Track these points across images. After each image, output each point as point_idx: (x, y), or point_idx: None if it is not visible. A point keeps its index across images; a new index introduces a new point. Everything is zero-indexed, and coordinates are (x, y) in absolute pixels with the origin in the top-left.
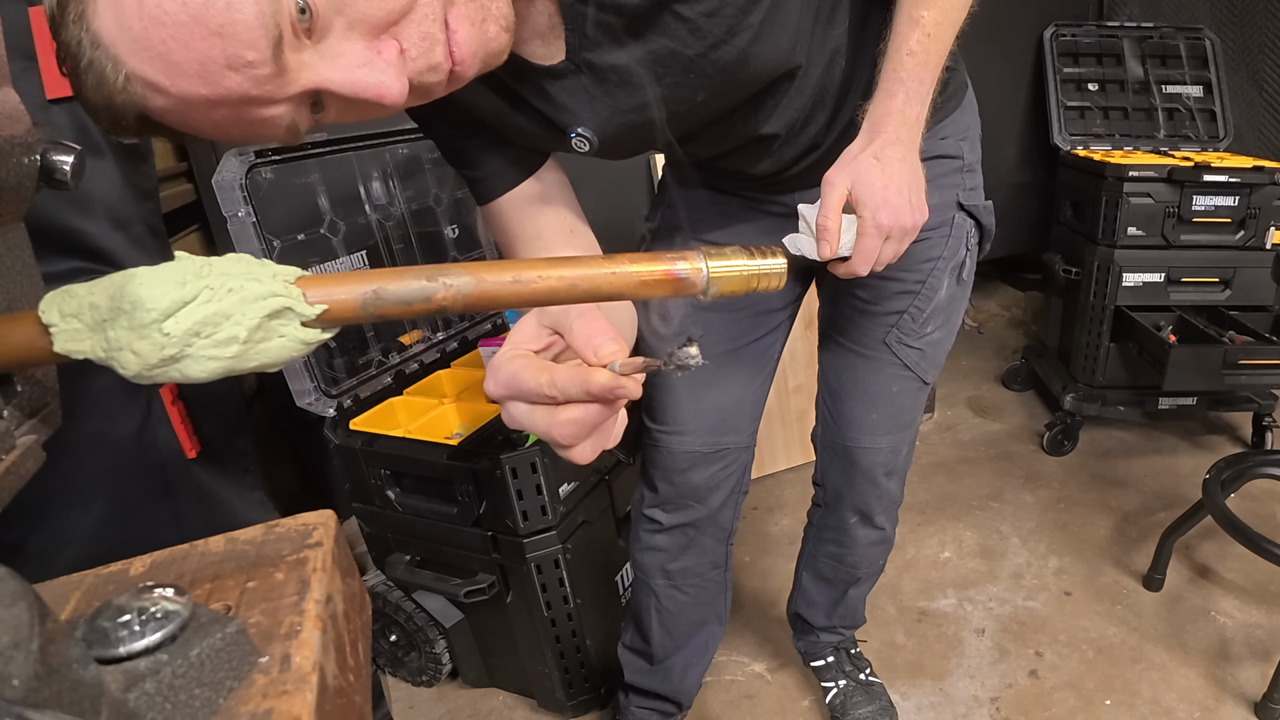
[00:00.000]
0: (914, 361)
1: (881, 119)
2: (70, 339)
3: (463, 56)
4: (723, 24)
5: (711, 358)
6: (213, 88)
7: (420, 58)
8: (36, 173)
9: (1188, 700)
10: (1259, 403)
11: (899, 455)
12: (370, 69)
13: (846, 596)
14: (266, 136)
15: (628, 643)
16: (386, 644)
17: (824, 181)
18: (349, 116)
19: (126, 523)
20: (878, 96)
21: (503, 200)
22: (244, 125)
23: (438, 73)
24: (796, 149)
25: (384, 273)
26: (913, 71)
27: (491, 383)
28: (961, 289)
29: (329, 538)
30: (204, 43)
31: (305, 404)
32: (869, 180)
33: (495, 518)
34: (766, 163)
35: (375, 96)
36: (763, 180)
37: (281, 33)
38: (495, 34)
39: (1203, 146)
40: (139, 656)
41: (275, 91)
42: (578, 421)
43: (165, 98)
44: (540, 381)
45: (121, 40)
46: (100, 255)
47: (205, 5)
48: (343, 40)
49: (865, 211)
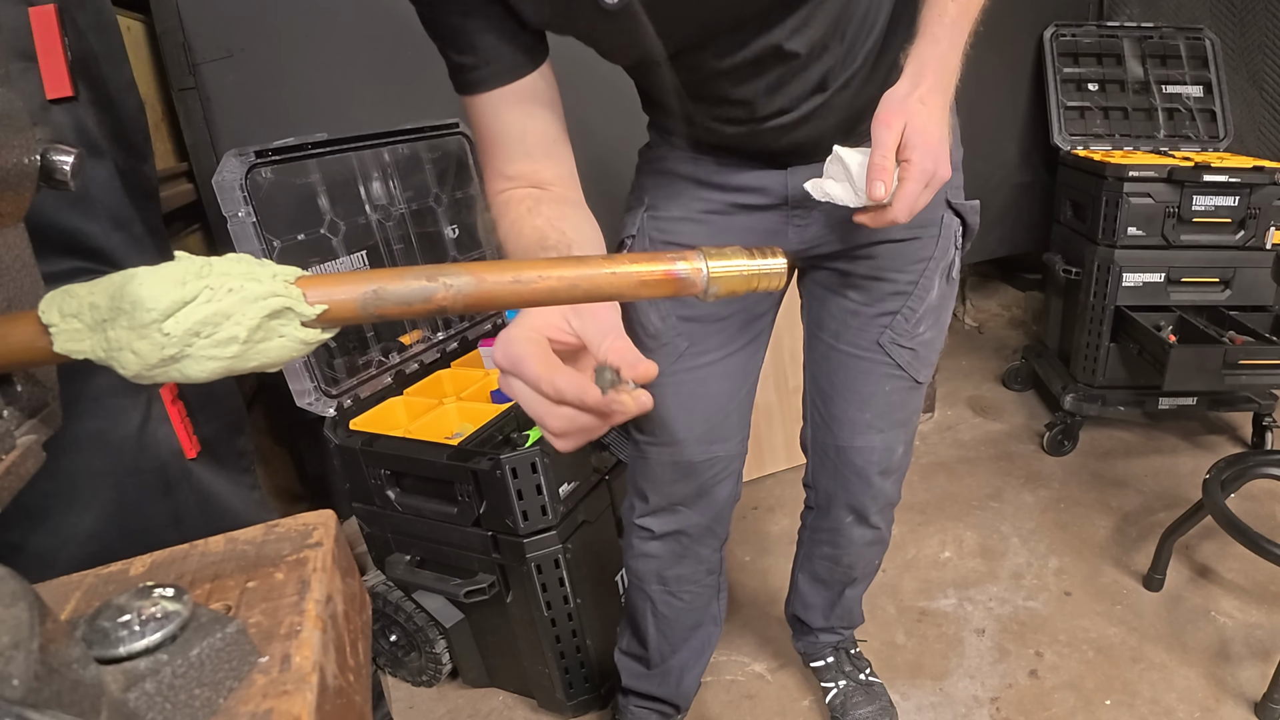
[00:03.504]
0: (907, 362)
1: (926, 62)
2: (70, 339)
3: None
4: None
5: (698, 369)
6: None
7: None
8: (36, 173)
9: (1188, 700)
10: (1259, 403)
11: (894, 454)
12: None
13: (843, 597)
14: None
15: (625, 648)
16: (386, 644)
17: (877, 121)
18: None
19: (126, 523)
20: (921, 40)
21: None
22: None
23: None
24: (806, 83)
25: (384, 273)
26: (955, 20)
27: (500, 353)
28: (951, 288)
29: (329, 538)
30: None
31: (305, 404)
32: (920, 124)
33: (495, 518)
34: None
35: None
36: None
37: None
38: None
39: (1203, 146)
40: (139, 656)
41: None
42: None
43: None
44: (541, 376)
45: None
46: (100, 255)
47: None
48: None
49: (914, 155)
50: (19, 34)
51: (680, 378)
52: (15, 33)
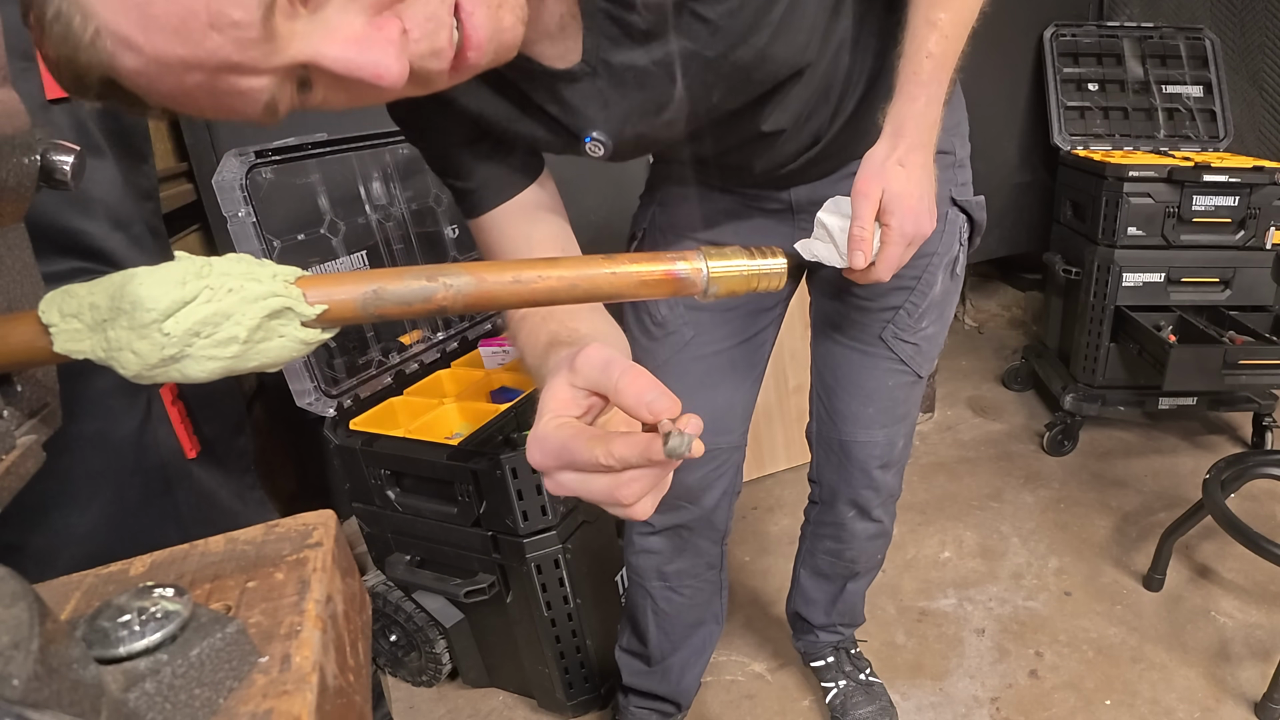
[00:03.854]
0: (909, 356)
1: (904, 122)
2: (70, 339)
3: (479, 40)
4: (743, 22)
5: (703, 359)
6: (191, 48)
7: (424, 40)
8: (36, 173)
9: (1188, 700)
10: (1259, 403)
11: (894, 448)
12: (368, 45)
13: (845, 592)
14: (241, 112)
15: (625, 645)
16: (386, 644)
17: (856, 192)
18: (338, 100)
19: (126, 523)
20: (899, 99)
21: (496, 211)
22: (218, 96)
23: (440, 59)
24: (799, 144)
25: (384, 273)
26: (932, 74)
27: (538, 453)
28: (954, 283)
29: (329, 538)
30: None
31: (305, 404)
32: (898, 190)
33: (495, 518)
34: (768, 158)
35: (372, 77)
36: (760, 176)
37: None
38: (511, 24)
39: (1203, 146)
40: (139, 656)
41: (260, 60)
42: (640, 481)
43: (137, 56)
44: (596, 454)
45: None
46: (100, 255)
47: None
48: (342, 12)
49: (894, 221)
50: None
51: (685, 367)
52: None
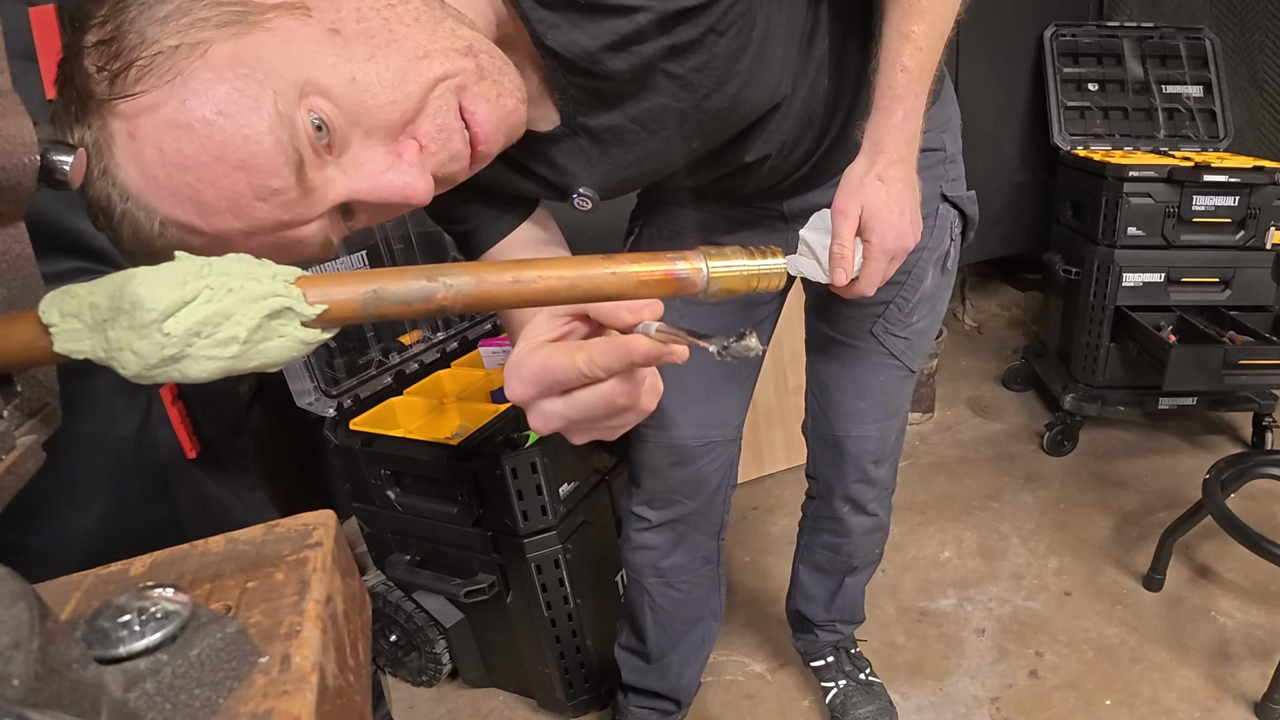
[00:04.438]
0: (900, 350)
1: (882, 137)
2: (70, 339)
3: (486, 134)
4: (713, 75)
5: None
6: (246, 220)
7: (440, 150)
8: (36, 173)
9: (1188, 700)
10: (1259, 403)
11: (887, 443)
12: (394, 173)
13: (844, 587)
14: (305, 255)
15: (624, 643)
16: (386, 644)
17: (835, 210)
18: (380, 218)
19: (126, 523)
20: (876, 114)
21: (494, 249)
22: (282, 248)
23: (459, 161)
24: (788, 167)
25: (384, 273)
26: (908, 87)
27: (516, 383)
28: (946, 278)
29: (329, 538)
30: (229, 179)
31: (305, 404)
32: (877, 206)
33: (495, 518)
34: (756, 182)
35: (402, 199)
36: (750, 196)
37: (302, 156)
38: (513, 107)
39: (1203, 146)
40: (139, 656)
41: (306, 213)
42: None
43: (202, 236)
44: (576, 363)
45: (149, 189)
46: (100, 255)
47: (224, 142)
48: (362, 150)
49: (874, 237)
50: (19, 34)
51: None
52: (16, 33)
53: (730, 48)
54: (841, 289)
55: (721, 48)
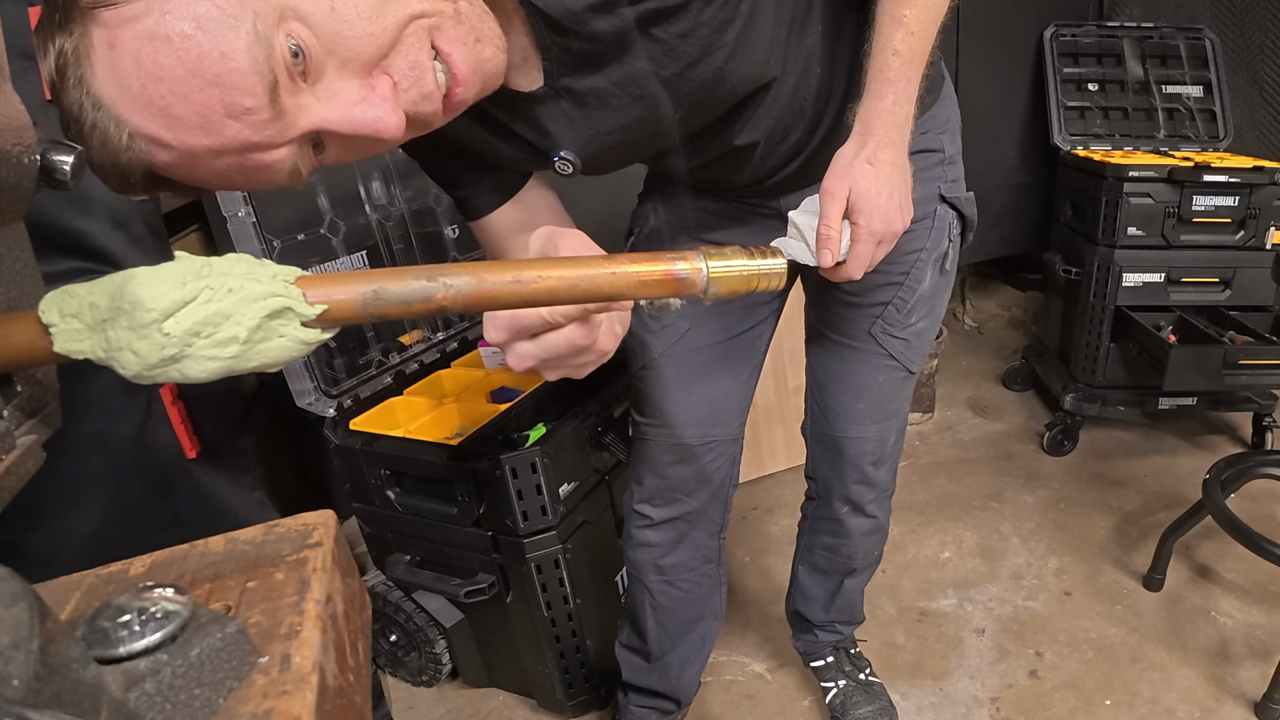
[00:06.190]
0: (899, 351)
1: (872, 121)
2: (70, 339)
3: (464, 75)
4: (697, 44)
5: (699, 350)
6: (214, 137)
7: (412, 88)
8: (36, 173)
9: (1188, 700)
10: (1259, 403)
11: (886, 444)
12: (366, 105)
13: (843, 588)
14: (271, 181)
15: (625, 641)
16: (386, 644)
17: (823, 191)
18: (350, 155)
19: (126, 523)
20: (867, 98)
21: (493, 216)
22: (248, 172)
23: (431, 101)
24: (779, 158)
25: (384, 273)
26: (899, 71)
27: (492, 329)
28: (945, 279)
29: (329, 538)
30: (202, 94)
31: (305, 404)
32: (865, 189)
33: (495, 518)
34: (748, 171)
35: (373, 131)
36: (744, 189)
37: (277, 78)
38: (491, 54)
39: (1203, 146)
40: (139, 656)
41: (276, 136)
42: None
43: (169, 151)
44: (542, 314)
45: (122, 99)
46: (100, 255)
47: (200, 57)
48: (336, 80)
49: (861, 219)
50: (19, 34)
51: (681, 359)
52: (15, 32)
53: (716, 17)
54: (829, 272)
55: (708, 16)
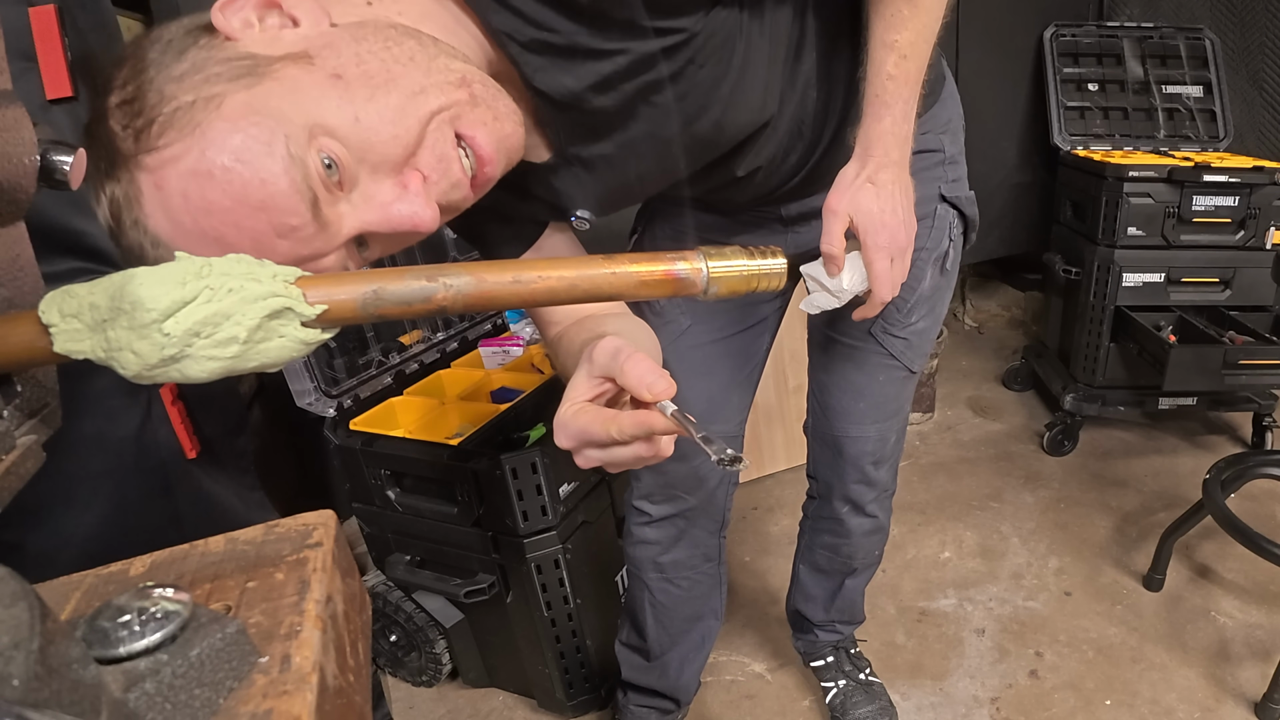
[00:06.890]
0: (899, 351)
1: (872, 142)
2: (70, 339)
3: (488, 155)
4: (695, 103)
5: (699, 347)
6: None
7: (441, 179)
8: (36, 173)
9: (1188, 700)
10: (1259, 403)
11: (886, 444)
12: (401, 203)
13: (843, 588)
14: None
15: (624, 639)
16: (386, 644)
17: (825, 209)
18: (392, 247)
19: (126, 523)
20: (865, 120)
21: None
22: None
23: (460, 189)
24: (781, 177)
25: (384, 273)
26: (895, 93)
27: (564, 437)
28: (946, 279)
29: (329, 538)
30: (251, 220)
31: (305, 404)
32: (867, 207)
33: (495, 518)
34: (750, 192)
35: (411, 226)
36: (747, 204)
37: (316, 194)
38: (512, 129)
39: (1203, 146)
40: (139, 656)
41: (324, 246)
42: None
43: None
44: (609, 432)
45: (178, 235)
46: (100, 255)
47: (243, 186)
48: (371, 184)
49: (867, 238)
50: (19, 34)
51: (682, 355)
52: (16, 33)
53: (710, 76)
54: (868, 308)
55: (702, 77)
